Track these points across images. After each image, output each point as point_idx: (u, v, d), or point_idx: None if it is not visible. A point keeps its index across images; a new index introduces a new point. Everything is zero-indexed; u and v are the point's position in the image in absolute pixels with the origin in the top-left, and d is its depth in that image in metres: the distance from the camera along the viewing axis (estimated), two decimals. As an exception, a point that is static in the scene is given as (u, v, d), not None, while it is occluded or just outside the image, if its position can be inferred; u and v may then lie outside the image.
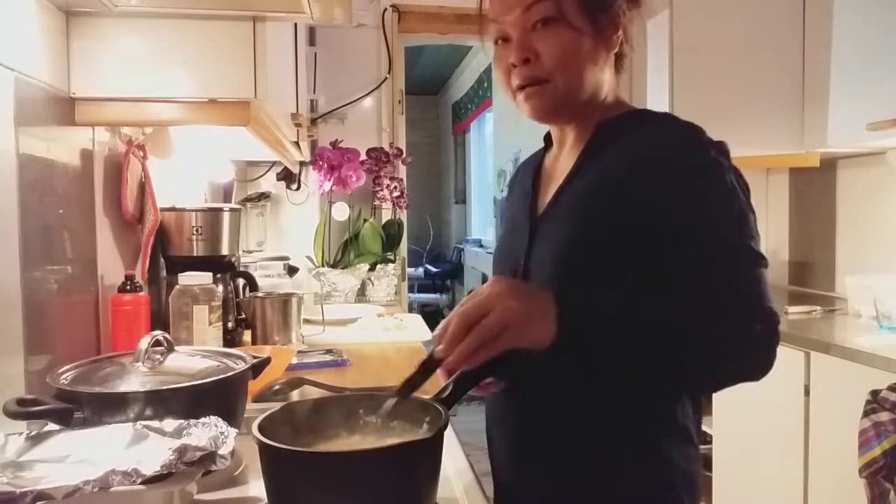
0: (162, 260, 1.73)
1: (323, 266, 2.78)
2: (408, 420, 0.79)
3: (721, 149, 0.84)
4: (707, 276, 0.79)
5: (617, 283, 0.83)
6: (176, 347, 0.99)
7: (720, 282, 0.79)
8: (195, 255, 1.70)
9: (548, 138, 1.06)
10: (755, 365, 0.79)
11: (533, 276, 0.92)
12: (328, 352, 1.72)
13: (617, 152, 0.88)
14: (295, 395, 1.25)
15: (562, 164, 0.97)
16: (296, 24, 2.22)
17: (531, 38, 0.88)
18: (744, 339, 0.77)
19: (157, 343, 0.96)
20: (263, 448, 0.69)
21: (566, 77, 0.88)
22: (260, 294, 1.81)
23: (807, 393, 1.93)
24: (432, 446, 0.72)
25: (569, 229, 0.88)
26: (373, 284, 2.81)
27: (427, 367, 0.78)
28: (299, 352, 1.70)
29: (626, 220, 0.83)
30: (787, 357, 1.93)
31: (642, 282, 0.81)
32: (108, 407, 0.83)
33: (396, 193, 2.91)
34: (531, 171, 1.04)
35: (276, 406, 0.79)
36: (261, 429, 0.71)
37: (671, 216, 0.81)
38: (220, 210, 1.78)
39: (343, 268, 2.77)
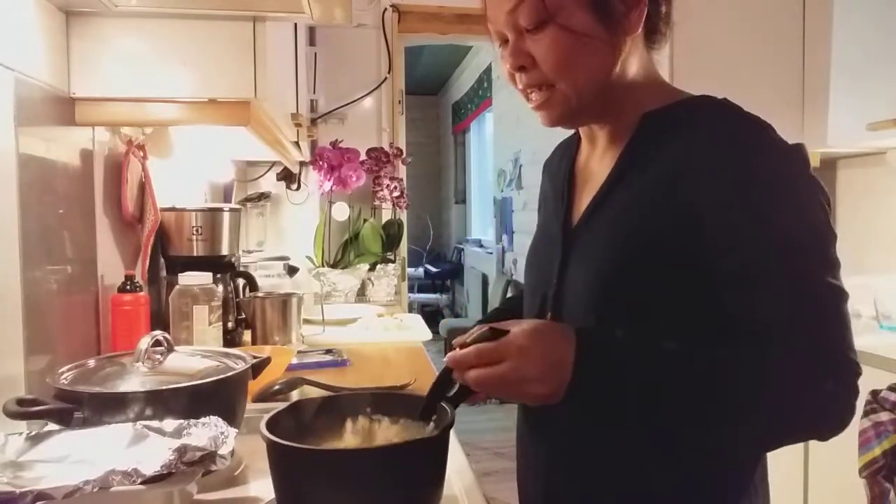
0: (162, 260, 1.73)
1: (323, 266, 2.77)
2: (414, 418, 0.79)
3: (796, 154, 0.71)
4: (769, 320, 0.67)
5: (663, 314, 0.72)
6: (176, 347, 0.99)
7: (785, 328, 0.66)
8: (195, 255, 1.70)
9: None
10: (821, 426, 0.68)
11: (567, 298, 0.82)
12: (328, 352, 1.72)
13: (665, 156, 0.74)
14: (295, 395, 1.25)
15: (597, 165, 0.85)
16: (296, 24, 2.22)
17: (526, 42, 0.77)
18: (808, 399, 0.65)
19: (157, 343, 0.95)
20: (273, 446, 0.69)
21: (569, 83, 0.77)
22: (260, 294, 1.81)
23: (807, 393, 1.93)
24: (439, 444, 0.72)
25: (608, 249, 0.77)
26: (373, 284, 2.81)
27: (443, 384, 0.76)
28: (299, 352, 1.70)
29: (674, 243, 0.71)
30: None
31: (692, 318, 0.71)
32: (108, 407, 0.83)
33: (396, 193, 2.91)
34: (565, 169, 0.91)
35: (278, 406, 0.80)
36: (269, 427, 0.71)
37: (729, 239, 0.68)
38: (220, 210, 1.78)
39: (343, 268, 2.77)
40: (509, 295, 4.39)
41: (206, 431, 0.74)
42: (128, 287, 1.40)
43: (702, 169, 0.71)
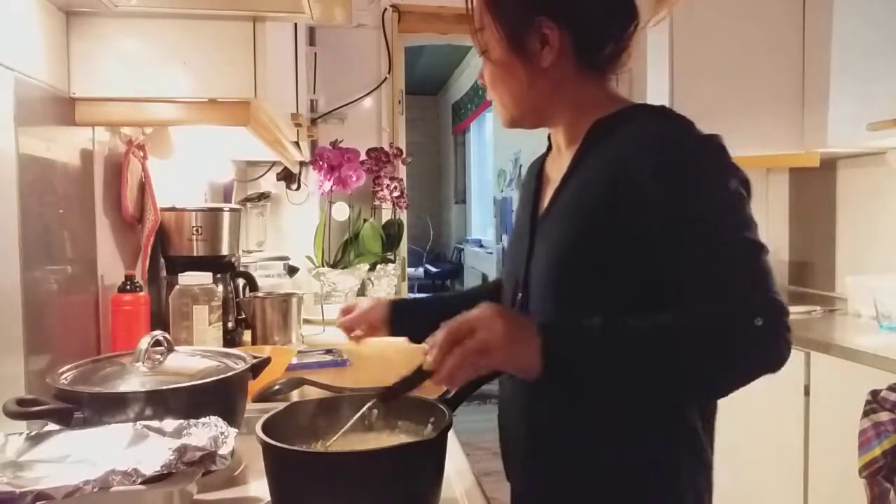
0: (162, 260, 1.73)
1: (323, 266, 2.77)
2: (412, 420, 0.79)
3: (708, 140, 0.83)
4: (698, 277, 0.77)
5: (612, 289, 0.83)
6: (176, 347, 0.99)
7: (711, 282, 0.77)
8: (195, 255, 1.70)
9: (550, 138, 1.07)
10: (762, 362, 0.76)
11: (533, 281, 0.92)
12: (328, 352, 1.72)
13: (605, 151, 0.88)
14: (295, 396, 1.25)
15: (559, 165, 0.98)
16: (296, 24, 2.21)
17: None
18: (743, 339, 0.75)
19: (157, 343, 0.95)
20: (267, 448, 0.69)
21: (497, 100, 0.97)
22: (260, 294, 1.81)
23: (807, 393, 1.93)
24: (436, 447, 0.72)
25: (562, 233, 0.89)
26: (373, 284, 2.81)
27: (415, 378, 0.78)
28: (299, 352, 1.70)
29: (611, 222, 0.83)
30: (787, 357, 1.93)
31: (638, 288, 0.81)
32: (108, 407, 0.83)
33: (396, 193, 2.90)
34: (535, 173, 1.05)
35: (278, 406, 0.80)
36: (264, 428, 0.71)
37: (655, 215, 0.79)
38: (220, 210, 1.78)
39: (343, 268, 2.76)
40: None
41: (206, 431, 0.74)
42: (128, 287, 1.40)
43: (629, 155, 0.83)
